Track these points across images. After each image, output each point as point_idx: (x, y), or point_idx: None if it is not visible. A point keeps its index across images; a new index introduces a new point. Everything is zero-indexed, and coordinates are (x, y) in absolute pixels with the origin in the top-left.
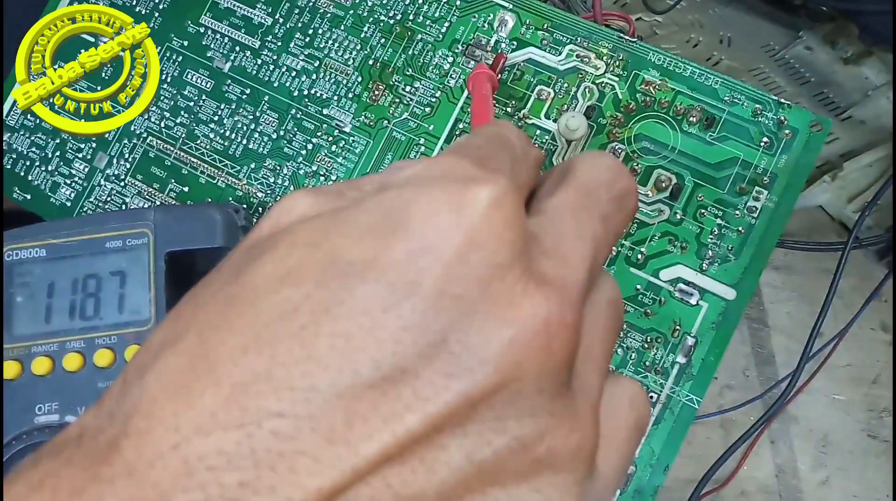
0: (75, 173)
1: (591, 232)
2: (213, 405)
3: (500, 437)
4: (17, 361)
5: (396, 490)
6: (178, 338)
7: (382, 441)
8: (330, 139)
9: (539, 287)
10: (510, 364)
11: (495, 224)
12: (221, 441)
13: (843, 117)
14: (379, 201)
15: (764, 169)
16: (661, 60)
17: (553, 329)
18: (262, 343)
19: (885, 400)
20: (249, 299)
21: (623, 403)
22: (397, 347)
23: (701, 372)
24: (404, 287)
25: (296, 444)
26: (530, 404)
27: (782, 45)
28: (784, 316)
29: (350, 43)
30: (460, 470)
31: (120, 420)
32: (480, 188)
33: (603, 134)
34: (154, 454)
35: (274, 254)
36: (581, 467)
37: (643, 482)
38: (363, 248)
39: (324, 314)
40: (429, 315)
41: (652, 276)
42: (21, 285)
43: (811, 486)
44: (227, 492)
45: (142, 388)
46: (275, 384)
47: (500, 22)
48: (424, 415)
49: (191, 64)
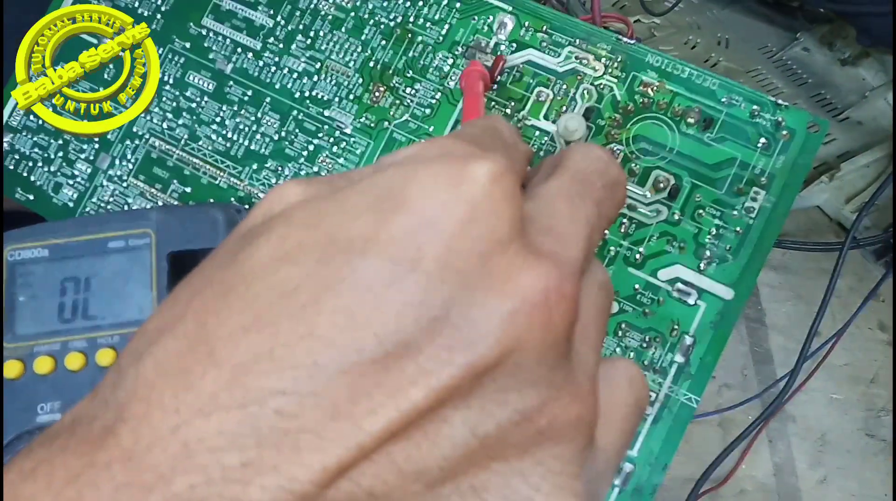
0: (78, 174)
1: (585, 214)
2: (214, 386)
3: (503, 409)
4: (20, 360)
5: (400, 466)
6: (175, 323)
7: (387, 417)
8: (331, 140)
9: (538, 260)
10: (512, 336)
11: (495, 199)
12: (223, 422)
13: (840, 118)
14: (376, 181)
15: (762, 170)
16: (659, 62)
17: (553, 301)
18: (262, 323)
19: (883, 399)
20: (248, 282)
21: (622, 382)
22: (400, 322)
23: (699, 372)
24: (406, 262)
25: (299, 422)
26: (532, 375)
27: (780, 47)
28: (782, 316)
29: (351, 45)
30: (464, 444)
31: (115, 407)
32: (479, 164)
33: (601, 135)
34: (152, 437)
35: (271, 236)
36: (581, 438)
37: (642, 480)
38: (363, 225)
39: (325, 292)
40: (431, 290)
41: (650, 276)
42: (23, 285)
43: (809, 485)
44: (229, 473)
45: (138, 374)
46: (277, 362)
47: (500, 24)
48: (429, 389)
49: (193, 65)
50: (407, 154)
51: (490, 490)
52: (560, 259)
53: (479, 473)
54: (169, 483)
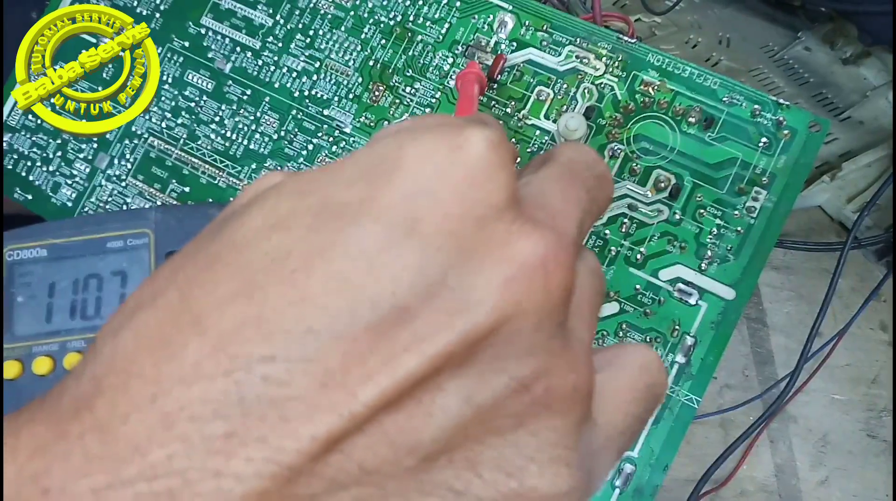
0: (76, 174)
1: (576, 196)
2: (198, 355)
3: (499, 377)
4: (18, 361)
5: (393, 438)
6: (157, 296)
7: (381, 385)
8: (330, 140)
9: (535, 227)
10: (509, 302)
11: (493, 164)
12: (206, 391)
13: (841, 118)
14: (370, 150)
15: (763, 169)
16: (660, 61)
17: (550, 267)
18: (251, 289)
19: (884, 400)
20: (236, 250)
21: (633, 366)
22: (396, 286)
23: (700, 372)
24: (402, 227)
25: (288, 390)
26: (528, 342)
27: (781, 46)
28: (783, 316)
29: (350, 44)
30: (458, 415)
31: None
32: (476, 131)
33: (602, 135)
34: (129, 407)
35: (263, 206)
36: (578, 410)
37: (642, 481)
38: (357, 191)
39: (318, 257)
40: (427, 254)
41: (651, 276)
42: (22, 285)
43: (810, 486)
44: (212, 444)
45: (116, 346)
46: (266, 328)
47: (500, 23)
48: (424, 356)
49: (192, 65)
50: (401, 126)
51: (484, 463)
52: (556, 229)
53: (474, 446)
54: (145, 454)
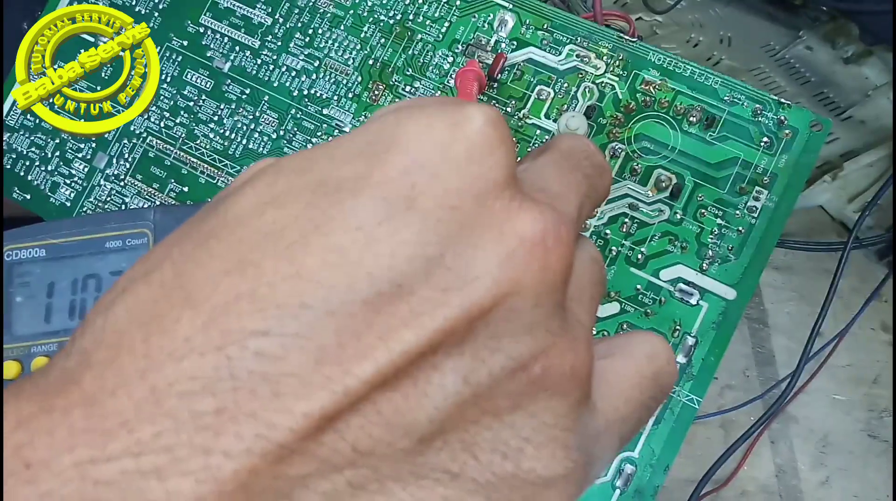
0: (75, 173)
1: (575, 182)
2: (189, 329)
3: (497, 355)
4: (17, 361)
5: (388, 418)
6: (150, 272)
7: (377, 362)
8: (330, 139)
9: (535, 204)
10: (508, 279)
11: (493, 140)
12: (196, 366)
13: (843, 117)
14: (369, 127)
15: (764, 169)
16: (661, 60)
17: (550, 244)
18: (245, 264)
19: (885, 400)
20: (231, 227)
21: (640, 353)
22: (394, 261)
23: (701, 372)
24: (400, 201)
25: (282, 365)
26: (527, 320)
27: (782, 45)
28: (784, 316)
29: (350, 43)
30: (455, 394)
31: (78, 354)
32: (476, 108)
33: (603, 134)
34: (117, 382)
35: (258, 183)
36: (576, 391)
37: (643, 482)
38: (355, 167)
39: (314, 231)
40: (426, 229)
41: (652, 276)
42: (21, 286)
43: (811, 486)
44: (201, 420)
45: (106, 321)
46: (260, 302)
47: (500, 22)
48: (421, 332)
49: (190, 64)
50: (400, 104)
51: (480, 445)
52: (556, 207)
53: (470, 427)
54: (132, 430)
